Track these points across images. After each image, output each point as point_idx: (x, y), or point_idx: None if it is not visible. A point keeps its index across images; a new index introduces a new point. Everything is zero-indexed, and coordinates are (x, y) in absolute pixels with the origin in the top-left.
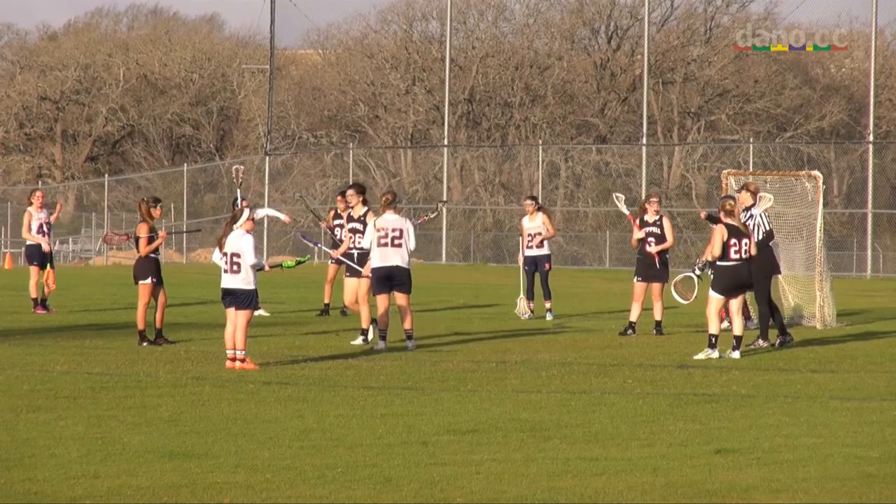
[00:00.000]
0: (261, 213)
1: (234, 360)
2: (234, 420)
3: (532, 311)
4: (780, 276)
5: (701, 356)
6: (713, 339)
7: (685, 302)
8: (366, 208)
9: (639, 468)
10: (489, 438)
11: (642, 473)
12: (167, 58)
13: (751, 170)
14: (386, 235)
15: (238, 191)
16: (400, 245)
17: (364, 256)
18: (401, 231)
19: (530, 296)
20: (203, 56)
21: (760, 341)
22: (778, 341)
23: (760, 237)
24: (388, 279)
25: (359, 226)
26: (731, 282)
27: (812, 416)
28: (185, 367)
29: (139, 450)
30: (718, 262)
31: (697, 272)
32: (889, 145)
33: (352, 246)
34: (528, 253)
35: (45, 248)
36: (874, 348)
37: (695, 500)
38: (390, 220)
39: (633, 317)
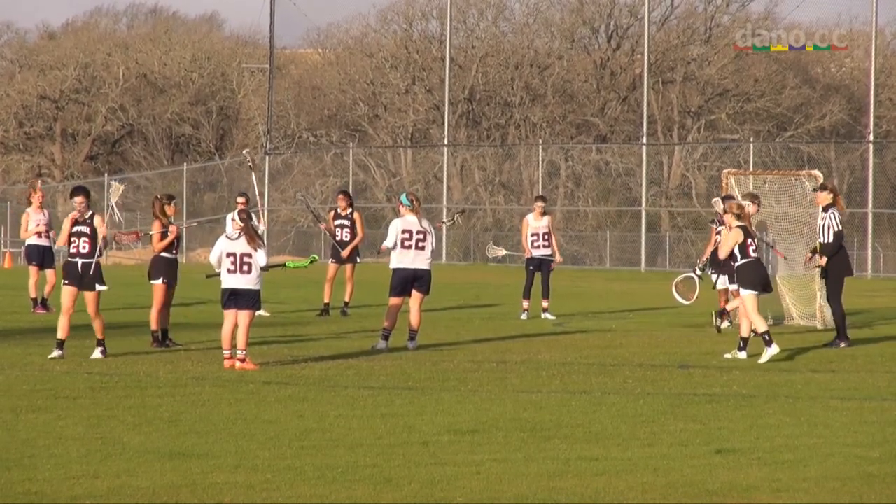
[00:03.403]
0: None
1: (230, 359)
2: (235, 420)
3: (528, 311)
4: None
5: (764, 358)
6: (767, 337)
7: (686, 302)
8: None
9: (639, 468)
10: (490, 438)
11: (643, 473)
12: (167, 57)
13: (751, 169)
14: (411, 237)
15: (253, 174)
16: (424, 248)
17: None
18: (425, 234)
19: (528, 295)
20: (203, 55)
21: (839, 342)
22: (834, 343)
23: (831, 238)
24: (412, 280)
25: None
26: (759, 276)
27: (813, 416)
28: (185, 367)
29: (139, 450)
30: (742, 261)
31: (698, 272)
32: (889, 145)
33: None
34: (535, 253)
35: (51, 239)
36: (875, 348)
37: (695, 500)
38: (413, 221)
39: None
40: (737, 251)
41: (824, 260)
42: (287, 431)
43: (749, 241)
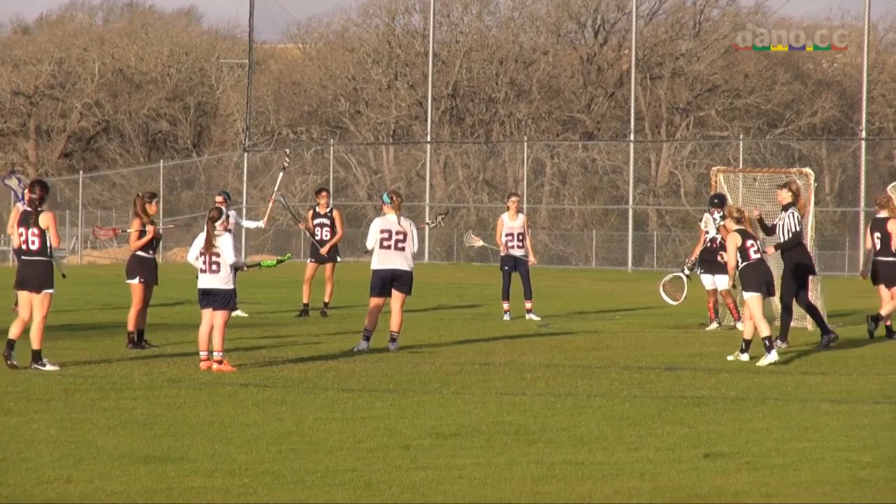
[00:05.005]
0: (233, 219)
1: (207, 360)
2: (211, 423)
3: (509, 311)
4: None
5: (763, 363)
6: (768, 343)
7: (674, 303)
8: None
9: (626, 472)
10: (472, 442)
11: (629, 478)
12: (143, 52)
13: (741, 167)
14: (390, 237)
15: (281, 174)
16: (403, 248)
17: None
18: (404, 234)
19: (507, 296)
20: (180, 50)
21: (779, 342)
22: (823, 341)
23: (788, 237)
24: (391, 281)
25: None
26: (762, 277)
27: (803, 420)
28: (160, 368)
29: (113, 453)
30: (743, 263)
31: (686, 272)
32: (882, 142)
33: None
34: (510, 252)
35: None
36: (866, 350)
37: None
38: (393, 221)
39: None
40: (738, 255)
41: (771, 249)
42: (265, 435)
43: (749, 242)
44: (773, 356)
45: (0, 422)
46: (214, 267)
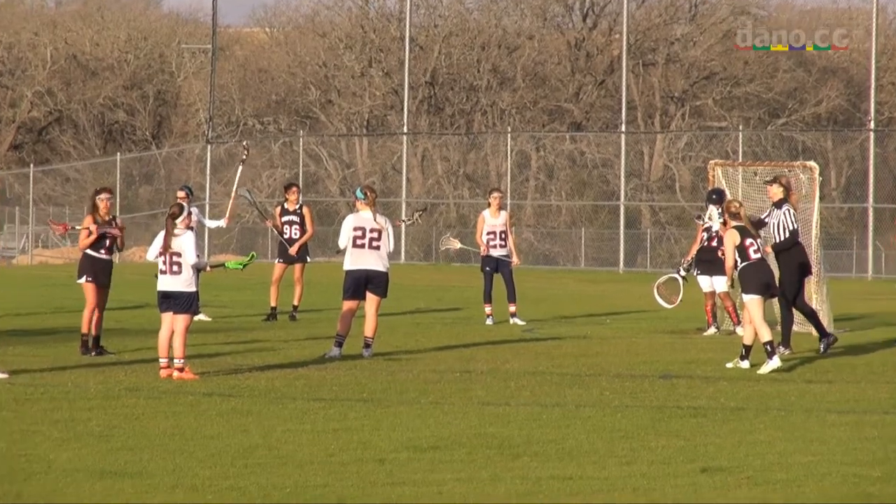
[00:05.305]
0: (195, 217)
1: (167, 367)
2: (172, 435)
3: (492, 315)
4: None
5: (764, 370)
6: (769, 348)
7: (669, 306)
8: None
9: (617, 488)
10: (452, 456)
11: (621, 494)
12: (99, 37)
13: (740, 160)
14: (363, 235)
15: (240, 167)
16: (378, 247)
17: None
18: (379, 231)
19: (489, 299)
20: (138, 35)
21: (782, 348)
22: (823, 344)
23: (786, 236)
24: (364, 283)
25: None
26: (762, 278)
27: (807, 432)
28: (117, 376)
29: (67, 468)
30: (743, 264)
31: (682, 273)
32: (892, 133)
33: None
34: (491, 252)
35: None
36: (875, 356)
37: None
38: (367, 218)
39: None
40: (736, 254)
41: (768, 249)
42: (230, 448)
43: (748, 241)
44: (775, 363)
45: None
46: (175, 268)
